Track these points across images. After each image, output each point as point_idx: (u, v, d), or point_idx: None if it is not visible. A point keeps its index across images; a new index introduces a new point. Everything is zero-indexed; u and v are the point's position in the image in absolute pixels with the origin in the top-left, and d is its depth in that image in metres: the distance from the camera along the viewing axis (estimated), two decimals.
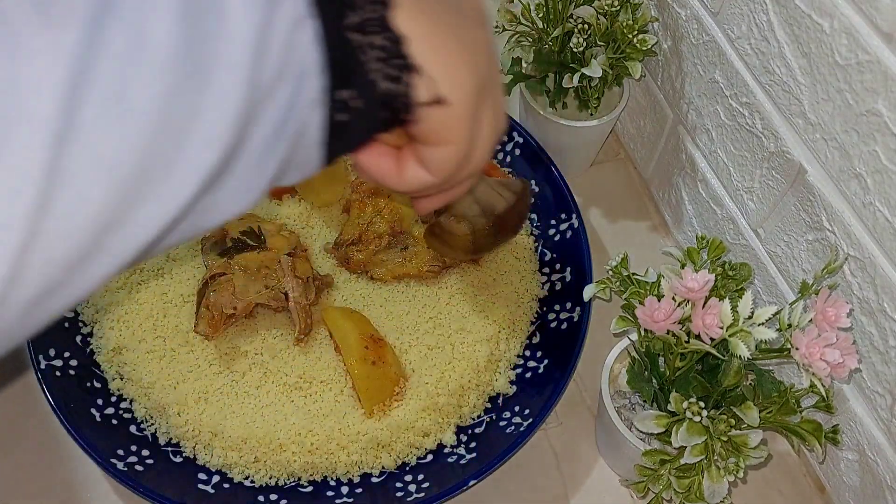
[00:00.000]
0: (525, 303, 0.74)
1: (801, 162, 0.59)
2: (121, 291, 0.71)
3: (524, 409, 0.67)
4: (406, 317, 0.72)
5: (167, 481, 0.63)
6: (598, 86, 0.75)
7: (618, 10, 0.69)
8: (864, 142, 0.51)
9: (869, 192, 0.52)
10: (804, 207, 0.60)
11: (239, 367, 0.69)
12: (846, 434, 0.62)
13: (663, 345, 0.56)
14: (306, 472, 0.65)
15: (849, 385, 0.61)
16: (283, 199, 0.78)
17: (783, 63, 0.57)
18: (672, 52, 0.72)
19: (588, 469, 0.69)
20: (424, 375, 0.69)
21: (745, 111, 0.64)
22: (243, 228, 0.73)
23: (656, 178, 0.82)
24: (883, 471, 0.59)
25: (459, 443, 0.67)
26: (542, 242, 0.77)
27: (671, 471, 0.54)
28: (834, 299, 0.51)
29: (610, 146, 0.88)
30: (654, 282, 0.58)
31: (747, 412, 0.53)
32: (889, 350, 0.55)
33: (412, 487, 0.64)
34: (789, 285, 0.65)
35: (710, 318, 0.51)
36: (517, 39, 0.74)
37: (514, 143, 0.81)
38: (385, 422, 0.67)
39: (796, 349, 0.51)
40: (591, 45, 0.72)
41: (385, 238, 0.73)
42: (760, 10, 0.58)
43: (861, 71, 0.50)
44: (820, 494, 0.69)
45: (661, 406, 0.59)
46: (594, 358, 0.71)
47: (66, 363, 0.68)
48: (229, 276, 0.69)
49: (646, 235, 0.82)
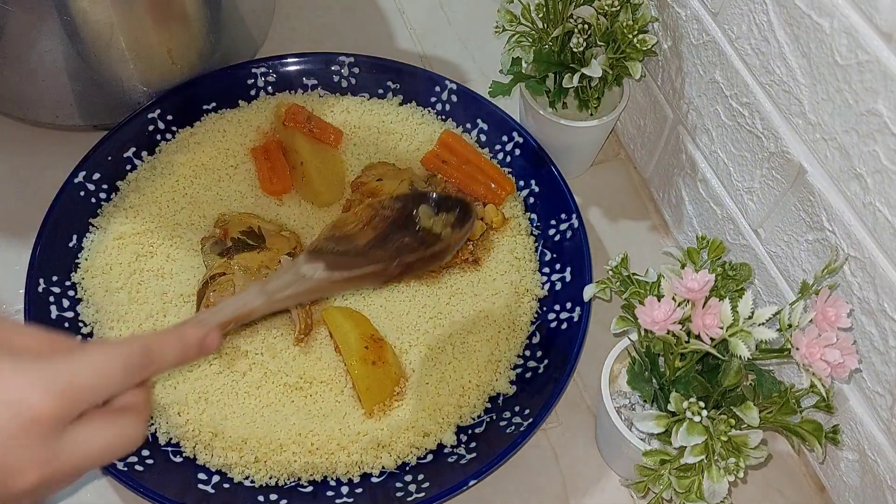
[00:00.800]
0: (525, 303, 0.74)
1: (801, 162, 0.59)
2: (121, 291, 0.71)
3: (524, 409, 0.67)
4: (406, 317, 0.72)
5: (167, 481, 0.63)
6: (598, 86, 0.75)
7: (618, 10, 0.69)
8: (864, 142, 0.51)
9: (869, 192, 0.52)
10: (804, 207, 0.60)
11: (239, 367, 0.69)
12: (846, 434, 0.62)
13: (663, 345, 0.56)
14: (306, 472, 0.65)
15: (849, 385, 0.61)
16: (283, 199, 0.78)
17: (783, 63, 0.57)
18: (672, 52, 0.72)
19: (588, 469, 0.69)
20: (424, 375, 0.69)
21: (745, 111, 0.64)
22: (243, 228, 0.73)
23: (656, 178, 0.82)
24: (883, 471, 0.59)
25: (459, 443, 0.67)
26: (542, 242, 0.77)
27: (671, 471, 0.54)
28: (834, 299, 0.51)
29: (610, 146, 0.88)
30: (654, 282, 0.58)
31: (747, 412, 0.53)
32: (889, 350, 0.55)
33: (412, 487, 0.64)
34: (789, 285, 0.65)
35: (710, 318, 0.51)
36: (517, 39, 0.74)
37: (514, 143, 0.81)
38: (385, 422, 0.67)
39: (796, 349, 0.51)
40: (591, 45, 0.72)
41: None
42: (760, 11, 0.58)
43: (861, 71, 0.50)
44: (820, 494, 0.69)
45: (661, 406, 0.59)
46: (594, 358, 0.71)
47: None
48: (229, 276, 0.69)
49: (646, 235, 0.83)
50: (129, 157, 0.79)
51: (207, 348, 0.47)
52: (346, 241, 0.62)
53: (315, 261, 0.57)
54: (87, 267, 0.73)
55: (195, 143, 0.80)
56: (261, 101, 0.84)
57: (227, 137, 0.81)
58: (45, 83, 0.75)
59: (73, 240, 0.74)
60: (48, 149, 0.84)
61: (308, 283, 0.55)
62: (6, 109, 0.80)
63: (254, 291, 0.53)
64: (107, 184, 0.77)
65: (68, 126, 0.81)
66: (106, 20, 0.71)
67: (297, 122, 0.79)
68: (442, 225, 0.64)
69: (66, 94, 0.77)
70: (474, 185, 0.78)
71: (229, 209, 0.77)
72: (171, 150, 0.80)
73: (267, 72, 0.84)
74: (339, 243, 0.61)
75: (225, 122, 0.82)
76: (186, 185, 0.78)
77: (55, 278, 0.72)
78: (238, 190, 0.78)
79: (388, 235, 0.63)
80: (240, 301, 0.52)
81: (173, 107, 0.81)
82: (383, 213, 0.65)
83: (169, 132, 0.81)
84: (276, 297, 0.53)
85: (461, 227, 0.64)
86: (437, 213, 0.65)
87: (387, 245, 0.63)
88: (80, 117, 0.79)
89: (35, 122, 0.82)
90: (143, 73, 0.77)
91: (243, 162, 0.80)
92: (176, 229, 0.75)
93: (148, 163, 0.80)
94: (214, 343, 0.47)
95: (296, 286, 0.54)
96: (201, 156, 0.79)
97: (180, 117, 0.81)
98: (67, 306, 0.71)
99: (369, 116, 0.83)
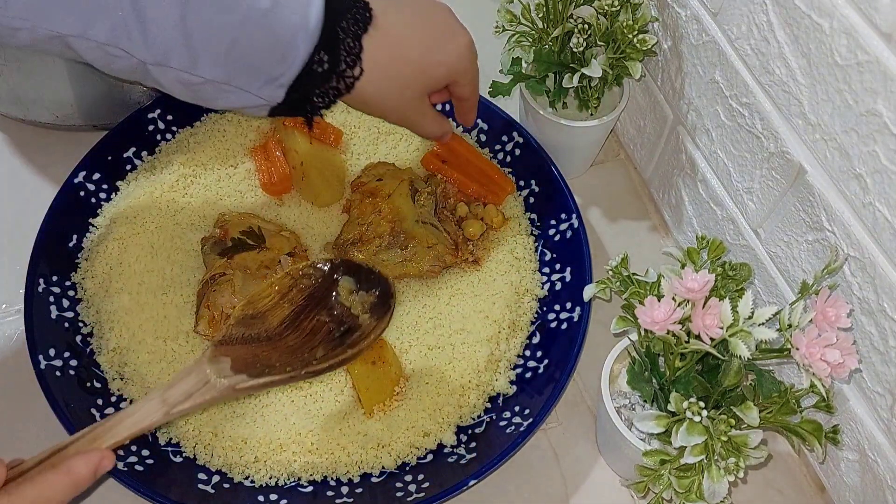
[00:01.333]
0: (525, 303, 0.74)
1: (801, 162, 0.59)
2: (121, 292, 0.71)
3: (524, 409, 0.67)
4: (406, 317, 0.72)
5: (167, 481, 0.63)
6: (598, 86, 0.75)
7: (618, 10, 0.69)
8: (864, 142, 0.51)
9: (869, 192, 0.52)
10: (804, 208, 0.60)
11: None
12: (846, 434, 0.62)
13: (663, 345, 0.56)
14: (306, 472, 0.65)
15: (849, 385, 0.61)
16: (283, 199, 0.78)
17: (783, 63, 0.57)
18: (672, 53, 0.72)
19: (588, 469, 0.69)
20: (424, 375, 0.69)
21: (745, 111, 0.64)
22: (243, 228, 0.73)
23: (656, 179, 0.82)
24: (883, 471, 0.59)
25: (459, 443, 0.67)
26: (542, 242, 0.77)
27: (671, 471, 0.54)
28: (834, 299, 0.51)
29: (610, 146, 0.88)
30: (654, 282, 0.58)
31: (747, 412, 0.53)
32: (889, 350, 0.55)
33: (412, 487, 0.64)
34: (789, 285, 0.65)
35: (710, 318, 0.51)
36: (517, 39, 0.74)
37: (514, 143, 0.81)
38: (385, 422, 0.67)
39: (796, 349, 0.51)
40: (591, 45, 0.72)
41: (385, 238, 0.73)
42: (760, 11, 0.58)
43: (861, 71, 0.50)
44: (820, 494, 0.69)
45: (661, 406, 0.59)
46: (594, 358, 0.71)
47: (66, 363, 0.68)
48: (229, 276, 0.69)
49: (646, 235, 0.83)
50: (129, 157, 0.79)
51: (102, 472, 0.48)
52: (258, 321, 0.61)
53: (222, 356, 0.57)
54: (87, 267, 0.73)
55: (195, 143, 0.80)
56: None
57: (227, 137, 0.81)
58: (46, 84, 0.75)
59: (73, 240, 0.74)
60: (48, 149, 0.84)
61: (211, 392, 0.55)
62: (6, 109, 0.80)
63: (153, 402, 0.53)
64: (107, 184, 0.77)
65: (68, 126, 0.81)
66: None
67: (297, 122, 0.79)
68: (361, 306, 0.65)
69: (67, 94, 0.77)
70: (474, 185, 0.78)
71: (229, 209, 0.77)
72: (171, 150, 0.80)
73: None
74: (251, 326, 0.61)
75: (225, 122, 0.82)
76: (186, 184, 0.78)
77: (55, 278, 0.72)
78: (238, 190, 0.78)
79: (305, 310, 0.63)
80: (137, 416, 0.52)
81: (173, 107, 0.81)
82: (302, 282, 0.65)
83: (169, 132, 0.81)
84: (176, 409, 0.53)
85: (380, 316, 0.64)
86: (358, 290, 0.65)
87: (301, 325, 0.62)
88: (80, 117, 0.79)
89: (35, 122, 0.82)
90: None
91: (243, 162, 0.80)
92: (176, 229, 0.75)
93: (148, 163, 0.80)
94: (109, 464, 0.49)
95: (198, 396, 0.54)
96: (201, 156, 0.79)
97: (180, 117, 0.81)
98: (67, 306, 0.71)
99: (369, 116, 0.83)
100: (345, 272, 0.66)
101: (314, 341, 0.62)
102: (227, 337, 0.60)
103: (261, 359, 0.59)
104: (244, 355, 0.58)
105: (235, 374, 0.56)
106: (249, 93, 0.57)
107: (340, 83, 0.59)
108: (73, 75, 0.75)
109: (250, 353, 0.59)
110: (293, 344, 0.61)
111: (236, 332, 0.60)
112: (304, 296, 0.64)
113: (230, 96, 0.57)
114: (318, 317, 0.63)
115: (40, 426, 0.69)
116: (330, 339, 0.63)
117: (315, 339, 0.62)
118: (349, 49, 0.58)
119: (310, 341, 0.62)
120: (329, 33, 0.57)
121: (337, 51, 0.57)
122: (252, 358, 0.59)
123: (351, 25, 0.58)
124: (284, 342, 0.61)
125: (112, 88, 0.78)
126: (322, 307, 0.64)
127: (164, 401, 0.54)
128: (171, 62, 0.54)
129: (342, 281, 0.65)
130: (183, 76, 0.55)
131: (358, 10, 0.58)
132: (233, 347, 0.58)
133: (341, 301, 0.65)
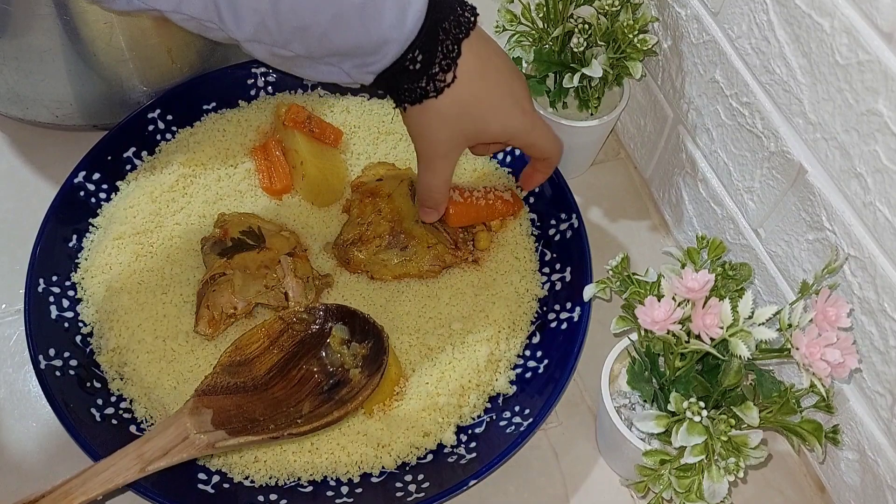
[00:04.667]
0: (525, 303, 0.74)
1: (802, 162, 0.59)
2: (121, 292, 0.71)
3: (524, 409, 0.67)
4: (406, 317, 0.72)
5: (167, 481, 0.63)
6: (599, 86, 0.75)
7: (618, 10, 0.69)
8: (865, 141, 0.51)
9: (869, 191, 0.52)
10: (804, 207, 0.60)
11: None
12: (846, 434, 0.62)
13: (663, 345, 0.56)
14: (306, 471, 0.65)
15: (849, 385, 0.61)
16: (283, 199, 0.78)
17: (783, 63, 0.57)
18: (672, 52, 0.72)
19: (588, 469, 0.69)
20: (424, 375, 0.69)
21: (745, 111, 0.64)
22: (243, 228, 0.73)
23: (656, 178, 0.82)
24: (883, 471, 0.59)
25: (459, 443, 0.67)
26: (542, 242, 0.77)
27: (671, 471, 0.54)
28: (834, 299, 0.51)
29: (610, 146, 0.88)
30: (654, 282, 0.58)
31: (747, 412, 0.53)
32: (889, 350, 0.55)
33: (412, 487, 0.64)
34: (789, 285, 0.65)
35: (710, 318, 0.51)
36: (517, 39, 0.74)
37: None
38: (385, 422, 0.67)
39: (796, 349, 0.51)
40: (592, 45, 0.72)
41: (385, 238, 0.73)
42: (760, 10, 0.58)
43: (861, 70, 0.50)
44: (820, 494, 0.69)
45: (661, 406, 0.59)
46: (594, 358, 0.71)
47: (66, 363, 0.68)
48: (229, 276, 0.69)
49: (646, 235, 0.82)
50: (129, 157, 0.79)
51: None
52: (244, 368, 0.61)
53: (204, 408, 0.56)
54: (87, 267, 0.73)
55: (195, 142, 0.80)
56: (261, 100, 0.84)
57: (227, 137, 0.81)
58: (45, 83, 0.75)
59: (73, 240, 0.74)
60: (48, 149, 0.84)
61: (188, 450, 0.54)
62: (5, 108, 0.80)
63: (129, 458, 0.53)
64: (107, 184, 0.77)
65: (68, 126, 0.81)
66: (105, 20, 0.71)
67: (297, 122, 0.79)
68: (352, 359, 0.64)
69: (66, 94, 0.77)
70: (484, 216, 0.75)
71: (229, 209, 0.77)
72: (170, 149, 0.80)
73: (267, 71, 0.84)
74: (236, 375, 0.60)
75: (225, 121, 0.82)
76: (186, 185, 0.78)
77: (55, 278, 0.72)
78: (238, 190, 0.78)
79: (294, 358, 0.63)
80: (110, 472, 0.52)
81: (173, 107, 0.81)
82: (295, 327, 0.64)
83: (169, 132, 0.81)
84: (152, 465, 0.53)
85: (371, 373, 0.63)
86: (351, 341, 0.65)
87: (289, 374, 0.62)
88: (80, 117, 0.79)
89: (35, 122, 0.82)
90: (142, 72, 0.77)
91: (243, 162, 0.80)
92: (176, 229, 0.75)
93: (148, 163, 0.80)
94: None
95: (175, 453, 0.54)
96: (201, 156, 0.79)
97: (180, 117, 0.81)
98: (67, 306, 0.71)
99: (369, 116, 0.83)
100: (339, 318, 0.65)
101: (301, 394, 0.62)
102: (211, 386, 0.59)
103: (245, 411, 0.58)
104: (227, 406, 0.58)
105: (216, 430, 0.56)
106: (341, 69, 0.57)
107: (430, 85, 0.57)
108: (73, 75, 0.75)
109: (234, 404, 0.58)
110: (279, 395, 0.61)
111: (221, 381, 0.60)
112: (295, 342, 0.64)
113: (322, 68, 0.57)
114: (307, 366, 0.63)
115: (40, 426, 0.69)
116: (318, 392, 0.62)
117: (302, 391, 0.62)
118: (447, 52, 0.56)
119: (296, 393, 0.61)
120: (429, 33, 0.55)
121: (434, 51, 0.56)
122: (236, 410, 0.58)
123: (453, 27, 0.56)
124: (270, 392, 0.60)
125: (112, 88, 0.78)
126: (312, 356, 0.64)
127: (140, 456, 0.53)
128: (263, 40, 0.54)
129: (335, 329, 0.65)
130: (275, 50, 0.55)
131: (463, 13, 0.57)
132: (216, 398, 0.58)
133: (332, 351, 0.64)
